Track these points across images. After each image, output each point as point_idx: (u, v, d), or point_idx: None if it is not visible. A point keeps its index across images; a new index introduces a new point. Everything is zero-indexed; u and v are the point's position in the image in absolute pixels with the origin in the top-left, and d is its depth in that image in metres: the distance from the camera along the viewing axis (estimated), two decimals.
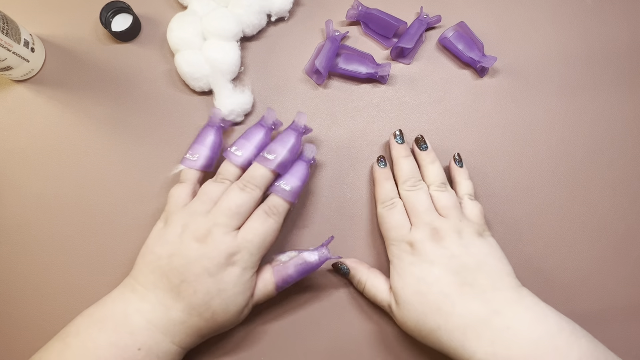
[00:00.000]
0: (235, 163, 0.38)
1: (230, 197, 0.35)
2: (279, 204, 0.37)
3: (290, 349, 0.40)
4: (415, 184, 0.40)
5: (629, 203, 0.44)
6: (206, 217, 0.35)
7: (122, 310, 0.34)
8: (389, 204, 0.40)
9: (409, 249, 0.37)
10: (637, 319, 0.41)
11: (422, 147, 0.42)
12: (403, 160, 0.41)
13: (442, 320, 0.34)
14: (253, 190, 0.36)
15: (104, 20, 0.45)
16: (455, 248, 0.36)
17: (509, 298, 0.34)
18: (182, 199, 0.37)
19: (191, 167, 0.38)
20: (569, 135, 0.45)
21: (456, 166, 0.42)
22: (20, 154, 0.44)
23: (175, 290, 0.34)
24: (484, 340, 0.32)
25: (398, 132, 0.42)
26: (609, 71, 0.46)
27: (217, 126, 0.40)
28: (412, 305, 0.35)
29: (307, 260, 0.37)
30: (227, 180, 0.37)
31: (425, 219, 0.37)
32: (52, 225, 0.42)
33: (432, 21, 0.47)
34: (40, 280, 0.41)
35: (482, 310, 0.33)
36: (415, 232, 0.37)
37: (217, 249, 0.34)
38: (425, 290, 0.35)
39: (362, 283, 0.39)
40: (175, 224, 0.35)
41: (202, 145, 0.39)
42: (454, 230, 0.37)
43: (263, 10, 0.45)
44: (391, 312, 0.37)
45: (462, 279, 0.34)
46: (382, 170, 0.41)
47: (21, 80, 0.45)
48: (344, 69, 0.45)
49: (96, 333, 0.33)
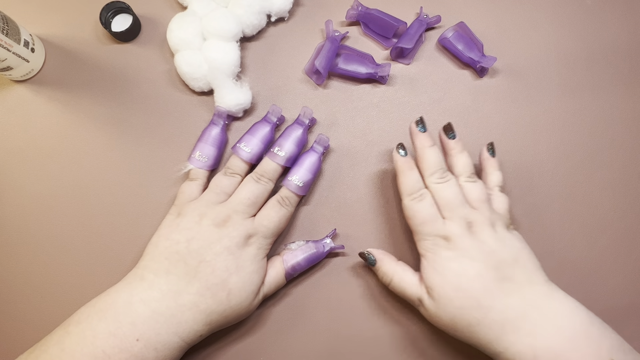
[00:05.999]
0: (243, 158, 0.40)
1: (248, 188, 0.38)
2: (291, 196, 0.40)
3: (290, 349, 0.40)
4: (444, 176, 0.37)
5: (629, 203, 0.44)
6: (224, 206, 0.38)
7: (125, 300, 0.34)
8: (417, 196, 0.37)
9: (445, 243, 0.36)
10: (637, 319, 0.41)
11: (450, 136, 0.39)
12: (429, 151, 0.38)
13: (481, 315, 0.33)
14: (267, 183, 0.39)
15: (104, 21, 0.45)
16: (493, 242, 0.35)
17: (544, 292, 0.34)
18: (195, 194, 0.39)
19: (201, 167, 0.41)
20: (569, 135, 0.45)
21: (488, 155, 0.41)
22: (20, 154, 0.44)
23: (192, 272, 0.35)
24: (522, 333, 0.33)
25: (420, 120, 0.39)
26: (608, 71, 0.46)
27: (222, 125, 0.42)
28: (450, 301, 0.34)
29: (315, 248, 0.40)
30: (237, 174, 0.40)
31: (460, 213, 0.36)
32: (52, 225, 0.42)
33: (432, 21, 0.47)
34: (40, 280, 0.41)
35: (521, 304, 0.34)
36: (451, 226, 0.36)
37: (237, 230, 0.37)
38: (466, 286, 0.34)
39: (388, 276, 0.38)
40: (191, 214, 0.37)
41: (211, 145, 0.41)
42: (488, 224, 0.36)
43: (263, 11, 0.45)
44: (421, 306, 0.37)
45: (501, 274, 0.34)
46: (404, 159, 0.38)
47: (21, 80, 0.45)
48: (344, 69, 0.45)
49: (96, 322, 0.33)
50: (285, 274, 0.39)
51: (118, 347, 0.32)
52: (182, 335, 0.34)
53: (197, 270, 0.35)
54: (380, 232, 0.42)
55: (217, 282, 0.35)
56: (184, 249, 0.36)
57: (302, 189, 0.40)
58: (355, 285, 0.41)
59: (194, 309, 0.34)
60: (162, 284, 0.35)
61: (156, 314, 0.34)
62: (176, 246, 0.36)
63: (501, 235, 0.36)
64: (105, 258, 0.41)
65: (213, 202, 0.38)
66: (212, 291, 0.35)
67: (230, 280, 0.35)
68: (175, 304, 0.34)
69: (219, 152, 0.42)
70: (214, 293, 0.35)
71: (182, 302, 0.34)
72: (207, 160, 0.41)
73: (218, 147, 0.41)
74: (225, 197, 0.39)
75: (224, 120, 0.42)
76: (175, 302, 0.34)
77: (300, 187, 0.40)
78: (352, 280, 0.41)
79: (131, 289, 0.35)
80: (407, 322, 0.40)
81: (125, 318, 0.33)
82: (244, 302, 0.36)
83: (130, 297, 0.34)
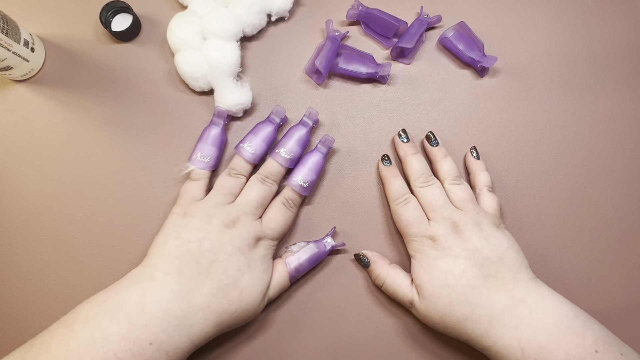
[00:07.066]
0: (247, 159, 0.40)
1: (255, 190, 0.39)
2: (295, 197, 0.40)
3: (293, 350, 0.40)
4: (428, 180, 0.40)
5: (629, 203, 0.44)
6: (233, 207, 0.38)
7: (137, 301, 0.33)
8: (402, 201, 0.40)
9: (431, 243, 0.38)
10: (637, 319, 0.41)
11: (433, 143, 0.42)
12: (412, 158, 0.41)
13: (469, 311, 0.35)
14: (272, 184, 0.40)
15: (104, 20, 0.45)
16: (477, 240, 0.37)
17: (529, 288, 0.36)
18: (199, 194, 0.40)
19: (203, 168, 0.41)
20: (569, 135, 0.45)
21: (473, 158, 0.43)
22: (20, 154, 0.44)
23: (204, 272, 0.35)
24: (508, 327, 0.34)
25: (402, 131, 0.43)
26: (609, 71, 0.46)
27: (222, 125, 0.42)
28: (438, 298, 0.36)
29: (317, 248, 0.40)
30: (241, 175, 0.40)
31: (444, 213, 0.38)
32: (53, 225, 0.42)
33: (432, 21, 0.47)
34: (40, 280, 0.41)
35: (507, 299, 0.35)
36: (435, 227, 0.38)
37: (247, 232, 0.37)
38: (452, 283, 0.36)
39: (381, 278, 0.39)
40: (199, 214, 0.37)
41: (211, 145, 0.41)
42: (473, 223, 0.38)
43: (263, 10, 0.45)
44: (412, 307, 0.38)
45: (486, 271, 0.36)
46: (388, 168, 0.42)
47: (21, 80, 0.45)
48: (344, 69, 0.45)
49: (106, 323, 0.32)
50: (289, 276, 0.39)
51: (131, 350, 0.31)
52: (193, 338, 0.34)
53: (209, 271, 0.35)
54: (380, 232, 0.42)
55: (230, 282, 0.35)
56: (196, 248, 0.36)
57: (306, 189, 0.40)
58: (357, 286, 0.41)
59: (205, 309, 0.34)
60: (174, 283, 0.34)
61: (169, 316, 0.33)
62: (187, 245, 0.36)
63: (487, 233, 0.37)
64: (105, 257, 0.41)
65: (221, 203, 0.38)
66: (224, 291, 0.35)
67: (242, 280, 0.36)
68: (188, 304, 0.34)
69: (220, 152, 0.42)
70: (226, 293, 0.35)
71: (194, 302, 0.34)
72: (209, 160, 0.41)
73: (218, 147, 0.41)
74: (232, 197, 0.39)
75: (224, 120, 0.42)
76: (187, 303, 0.34)
77: (305, 188, 0.40)
78: (353, 280, 0.41)
79: (142, 288, 0.34)
80: (409, 321, 0.40)
81: (138, 320, 0.32)
82: (254, 301, 0.36)
83: (142, 297, 0.33)
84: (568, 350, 0.32)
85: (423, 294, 0.37)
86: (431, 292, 0.36)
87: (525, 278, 0.36)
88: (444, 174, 0.41)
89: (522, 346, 0.33)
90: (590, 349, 0.32)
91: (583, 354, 0.32)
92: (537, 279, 0.37)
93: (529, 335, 0.33)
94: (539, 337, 0.33)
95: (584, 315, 0.35)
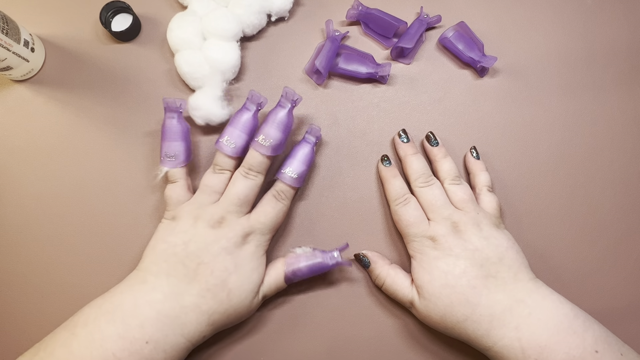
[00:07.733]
0: (228, 154, 0.39)
1: (237, 186, 0.38)
2: (287, 189, 0.39)
3: (291, 349, 0.40)
4: (428, 180, 0.40)
5: (629, 203, 0.44)
6: (217, 206, 0.37)
7: (131, 302, 0.34)
8: (402, 201, 0.40)
9: (431, 243, 0.38)
10: (637, 319, 0.41)
11: (433, 143, 0.42)
12: (412, 158, 0.41)
13: (469, 311, 0.35)
14: (255, 176, 0.38)
15: (104, 20, 0.45)
16: (477, 241, 0.37)
17: (529, 288, 0.36)
18: (182, 196, 0.39)
19: (175, 166, 0.39)
20: (569, 135, 0.45)
21: (473, 158, 0.43)
22: (20, 154, 0.44)
23: (191, 274, 0.35)
24: (509, 327, 0.34)
25: (402, 131, 0.43)
26: (609, 71, 0.46)
27: (177, 113, 0.40)
28: (439, 299, 0.36)
29: (318, 259, 0.38)
30: (225, 170, 0.39)
31: (444, 213, 0.38)
32: (52, 225, 0.42)
33: (432, 21, 0.47)
34: (40, 280, 0.41)
35: (507, 299, 0.35)
36: (435, 227, 0.38)
37: (233, 230, 0.37)
38: (453, 283, 0.36)
39: (381, 279, 0.39)
40: (185, 217, 0.37)
41: (174, 140, 0.39)
42: (473, 223, 0.38)
43: (263, 10, 0.45)
44: (412, 307, 0.38)
45: (486, 272, 0.36)
46: (388, 168, 0.42)
47: (21, 80, 0.45)
48: (344, 69, 0.45)
49: (104, 324, 0.33)
50: (285, 276, 0.38)
51: (128, 349, 0.32)
52: (188, 337, 0.34)
53: (196, 272, 0.35)
54: (380, 232, 0.42)
55: (217, 282, 0.35)
56: (182, 251, 0.36)
57: (296, 180, 0.39)
58: (357, 286, 0.41)
59: (196, 310, 0.35)
60: (164, 286, 0.35)
61: (162, 316, 0.34)
62: (173, 249, 0.36)
63: (487, 234, 0.37)
64: (105, 257, 0.41)
65: (206, 203, 0.38)
66: (212, 292, 0.35)
67: (230, 280, 0.36)
68: (179, 305, 0.34)
69: (187, 143, 0.40)
70: (215, 294, 0.35)
71: (185, 303, 0.34)
72: (177, 156, 0.39)
73: (183, 139, 0.40)
74: (217, 196, 0.38)
75: (179, 109, 0.40)
76: (178, 304, 0.34)
77: (295, 179, 0.39)
78: (354, 280, 0.41)
79: (135, 291, 0.35)
80: (409, 321, 0.40)
81: (133, 320, 0.33)
82: (244, 300, 0.36)
83: (135, 299, 0.34)
84: (568, 351, 0.32)
85: (423, 294, 0.37)
86: (431, 292, 0.36)
87: (525, 278, 0.36)
88: (444, 174, 0.41)
89: (523, 346, 0.33)
90: (590, 349, 0.33)
91: (583, 354, 0.32)
92: (537, 279, 0.37)
93: (529, 335, 0.33)
94: (539, 337, 0.33)
95: (584, 315, 0.35)
